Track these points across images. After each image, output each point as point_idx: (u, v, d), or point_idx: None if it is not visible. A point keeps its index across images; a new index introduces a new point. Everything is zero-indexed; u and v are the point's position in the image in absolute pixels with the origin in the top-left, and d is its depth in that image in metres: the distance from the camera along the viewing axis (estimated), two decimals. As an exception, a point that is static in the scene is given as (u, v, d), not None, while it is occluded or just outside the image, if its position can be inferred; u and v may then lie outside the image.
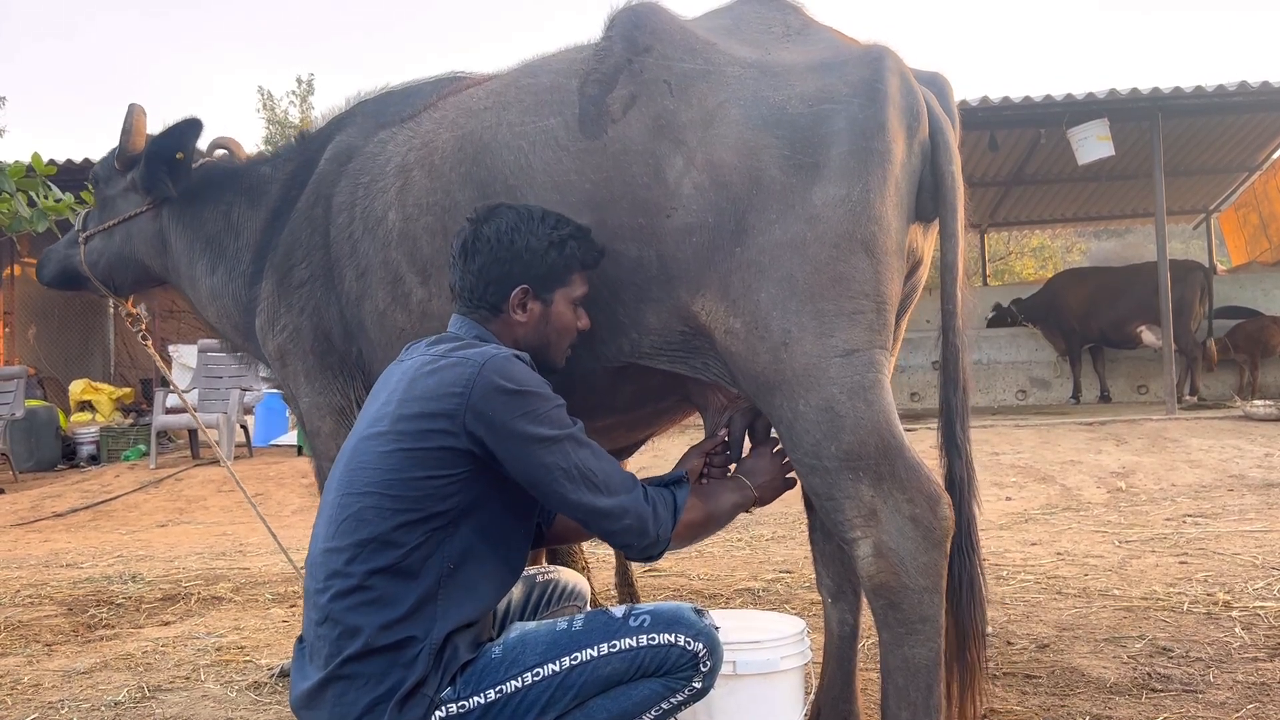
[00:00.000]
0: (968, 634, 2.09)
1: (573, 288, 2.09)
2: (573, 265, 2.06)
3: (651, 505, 1.95)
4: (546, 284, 2.06)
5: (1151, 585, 4.13)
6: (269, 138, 24.13)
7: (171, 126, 3.11)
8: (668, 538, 1.97)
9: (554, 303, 2.08)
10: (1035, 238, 24.92)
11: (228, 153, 3.41)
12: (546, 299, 2.07)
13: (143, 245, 3.29)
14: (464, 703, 1.80)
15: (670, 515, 1.98)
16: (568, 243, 2.05)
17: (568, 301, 2.09)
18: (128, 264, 3.34)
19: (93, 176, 3.41)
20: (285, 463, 9.54)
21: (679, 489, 2.06)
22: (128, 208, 3.28)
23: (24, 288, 13.52)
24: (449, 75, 2.81)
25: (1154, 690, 2.86)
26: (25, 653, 3.84)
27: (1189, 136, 12.50)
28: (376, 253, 2.54)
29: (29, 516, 8.19)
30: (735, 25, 2.23)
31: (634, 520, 1.92)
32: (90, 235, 3.34)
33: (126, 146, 3.22)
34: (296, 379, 2.81)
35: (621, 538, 1.94)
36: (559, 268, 2.05)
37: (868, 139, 1.98)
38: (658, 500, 1.98)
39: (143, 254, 3.30)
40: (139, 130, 3.22)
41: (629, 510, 1.91)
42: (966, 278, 2.14)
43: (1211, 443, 8.13)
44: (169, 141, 3.10)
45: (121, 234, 3.30)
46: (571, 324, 2.11)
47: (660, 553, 1.99)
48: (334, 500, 1.90)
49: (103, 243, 3.33)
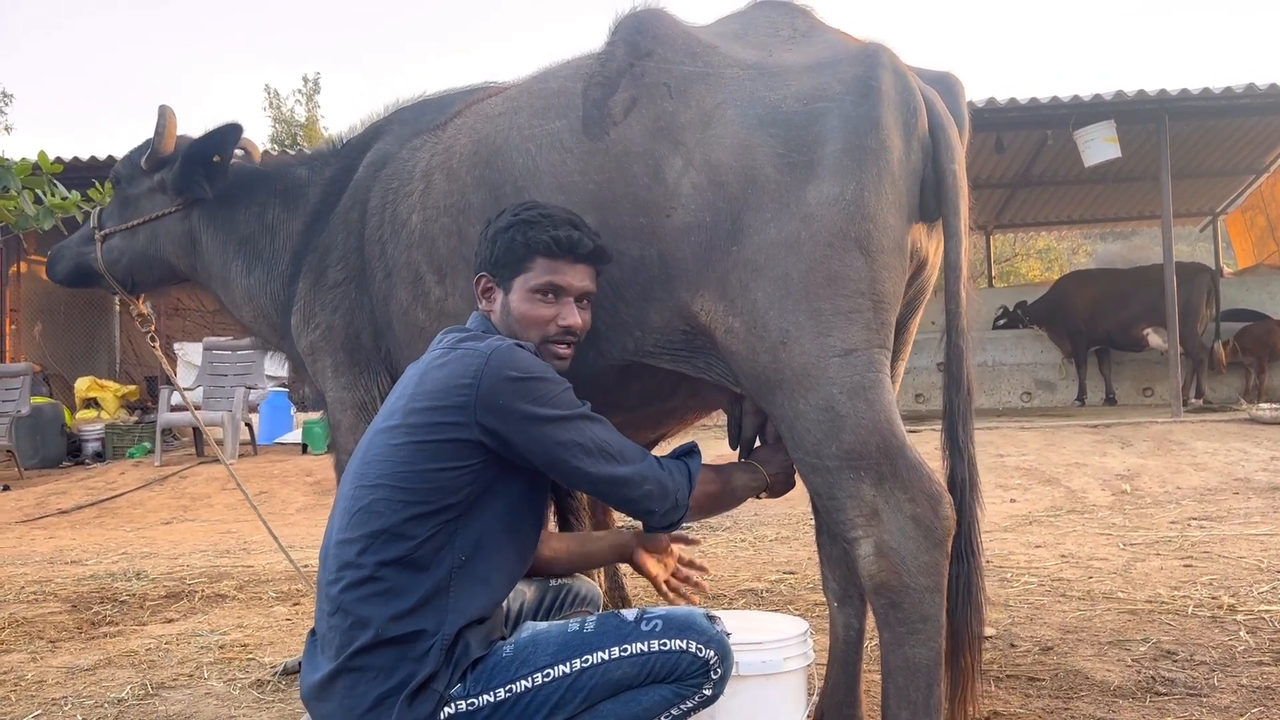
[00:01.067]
0: (962, 638, 2.08)
1: (531, 275, 2.04)
2: (519, 250, 2.03)
3: (668, 472, 1.99)
4: (502, 269, 2.06)
5: (1156, 588, 4.12)
6: (275, 136, 24.21)
7: (212, 130, 3.15)
8: (686, 503, 2.00)
9: (512, 290, 2.06)
10: (1041, 239, 24.90)
11: (245, 154, 3.44)
12: (506, 286, 2.07)
13: (170, 245, 3.31)
14: (473, 700, 1.81)
15: (686, 481, 2.01)
16: (514, 227, 2.03)
17: (526, 290, 2.04)
18: (152, 263, 3.36)
19: (114, 175, 3.42)
20: (290, 461, 9.55)
21: (691, 459, 2.08)
22: (154, 208, 3.29)
23: (30, 285, 13.56)
24: (480, 85, 2.86)
25: (1158, 694, 2.85)
26: (29, 649, 3.85)
27: (1196, 138, 12.47)
28: (401, 254, 2.60)
29: (34, 513, 8.22)
30: (743, 30, 2.24)
31: (654, 485, 1.94)
32: (110, 234, 3.36)
33: (157, 147, 3.23)
34: (325, 374, 2.88)
35: (643, 504, 1.95)
36: (508, 252, 2.04)
37: (861, 136, 1.97)
38: (673, 468, 2.01)
39: (169, 254, 3.32)
40: (170, 132, 3.24)
41: (648, 476, 1.94)
42: (971, 278, 2.13)
43: (1217, 446, 8.10)
44: (209, 144, 3.13)
45: (146, 233, 3.32)
46: (535, 316, 2.04)
47: (680, 519, 2.01)
48: (348, 492, 1.92)
49: (124, 242, 3.35)
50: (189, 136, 3.24)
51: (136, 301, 3.53)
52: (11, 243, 12.33)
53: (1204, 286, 11.21)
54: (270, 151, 12.96)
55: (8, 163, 4.23)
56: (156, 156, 3.25)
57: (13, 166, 4.21)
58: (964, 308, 2.10)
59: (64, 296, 14.02)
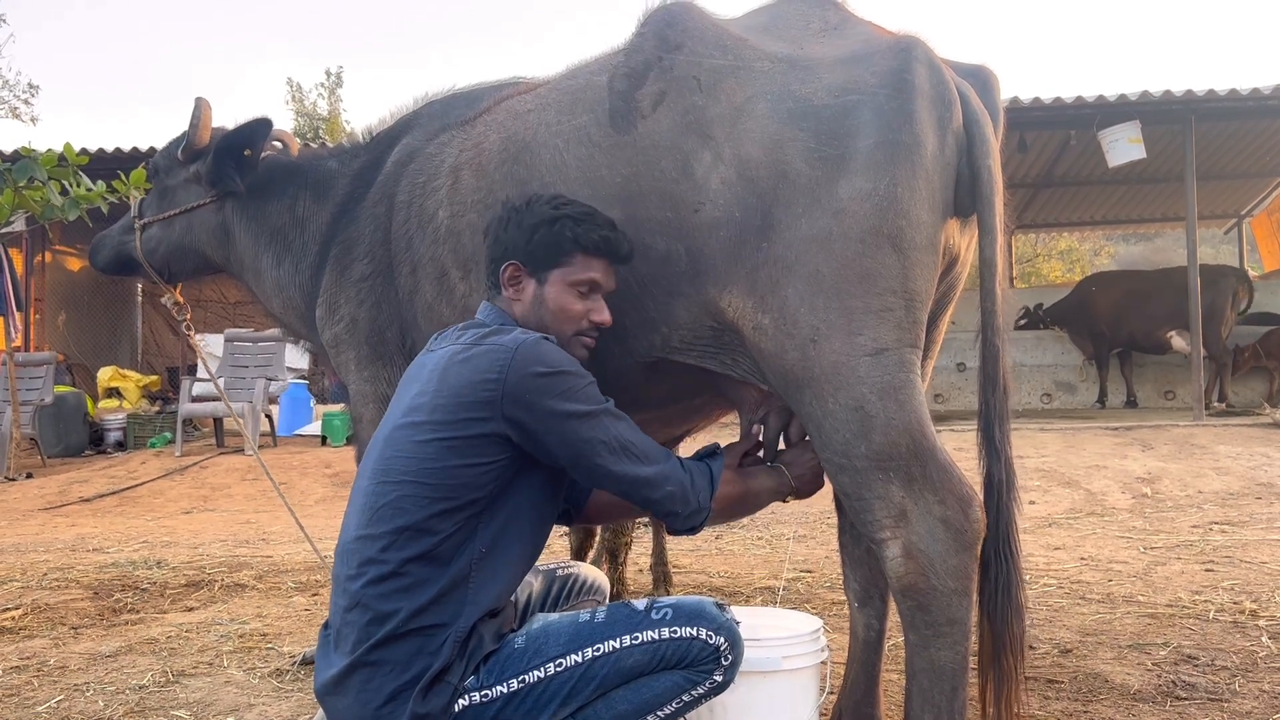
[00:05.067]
0: (1003, 640, 2.06)
1: (572, 270, 2.04)
2: (565, 244, 2.03)
3: (690, 474, 1.97)
4: (538, 261, 2.05)
5: (1177, 592, 4.08)
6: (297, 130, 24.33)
7: (243, 124, 3.17)
8: (708, 506, 1.99)
9: (547, 283, 2.06)
10: (1063, 240, 24.72)
11: (282, 146, 3.46)
12: (540, 277, 2.06)
13: (205, 236, 3.34)
14: (487, 691, 1.82)
15: (708, 484, 2.00)
16: (561, 220, 2.03)
17: (565, 284, 2.05)
18: (187, 254, 3.40)
19: (152, 166, 3.46)
20: (309, 452, 9.60)
21: (714, 461, 2.07)
22: (189, 199, 3.33)
23: (55, 275, 13.68)
24: (510, 80, 2.86)
25: (1178, 698, 2.83)
26: (51, 635, 3.89)
27: (1222, 140, 12.34)
28: (427, 249, 2.59)
29: (56, 501, 8.29)
30: (772, 23, 2.22)
31: (675, 487, 1.94)
32: (148, 224, 3.40)
33: (193, 139, 3.26)
34: (348, 367, 2.89)
35: (665, 505, 1.95)
36: (550, 245, 2.03)
37: (894, 131, 1.95)
38: (694, 470, 2.00)
39: (204, 245, 3.35)
40: (205, 124, 3.26)
41: (670, 477, 1.93)
42: (1005, 276, 2.10)
43: (1240, 450, 8.03)
44: (239, 138, 3.15)
45: (182, 224, 3.35)
46: (571, 310, 2.06)
47: (703, 522, 2.00)
48: (368, 488, 1.92)
49: (161, 231, 3.39)
50: (224, 129, 3.26)
51: (173, 291, 3.56)
52: (37, 233, 12.44)
53: (1229, 289, 11.10)
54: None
55: (34, 154, 4.27)
56: (192, 148, 3.27)
57: (39, 158, 4.25)
58: (999, 305, 2.07)
59: (88, 287, 14.14)
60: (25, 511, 7.92)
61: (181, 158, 3.32)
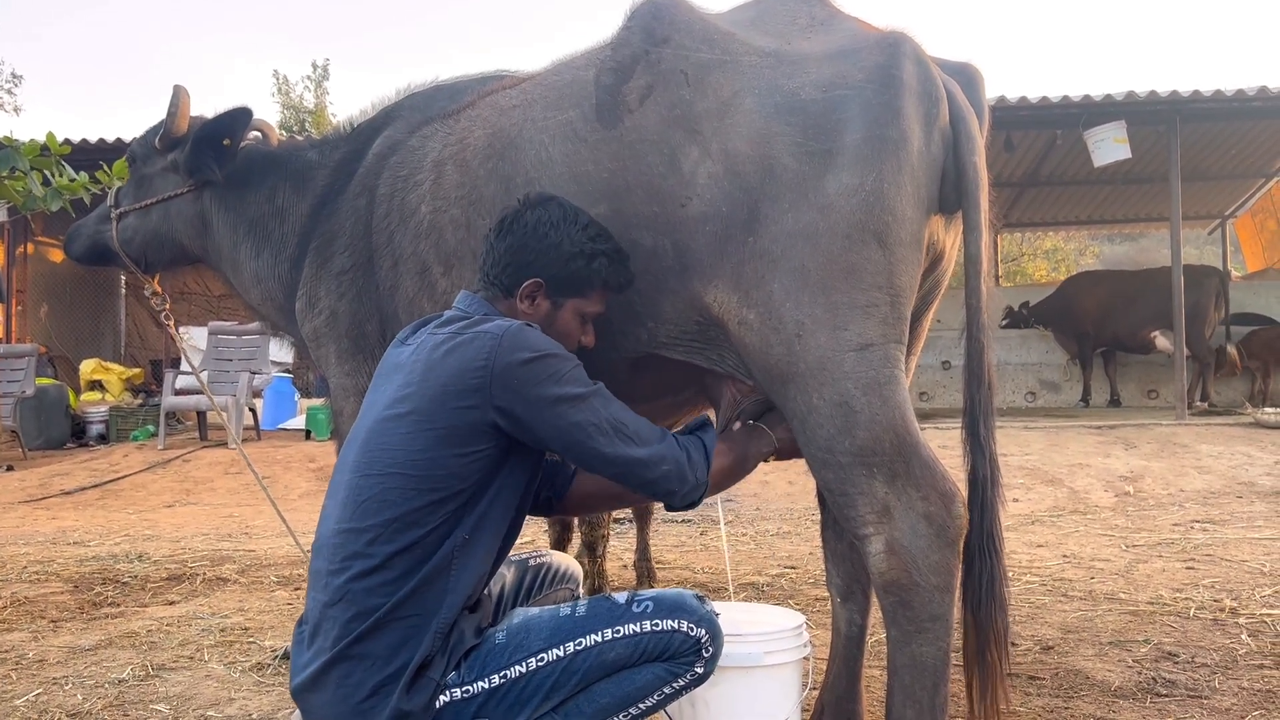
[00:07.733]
0: (987, 634, 2.06)
1: (588, 302, 2.08)
2: (594, 280, 2.05)
3: (685, 451, 1.97)
4: (562, 287, 2.06)
5: (1158, 590, 4.11)
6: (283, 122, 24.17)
7: (223, 113, 3.14)
8: (705, 481, 1.99)
9: (563, 308, 2.08)
10: (1048, 240, 24.81)
11: (261, 135, 3.42)
12: (557, 301, 2.07)
13: (182, 225, 3.30)
14: (469, 687, 1.81)
15: (704, 459, 1.99)
16: (598, 258, 2.04)
17: (577, 313, 2.09)
18: (164, 243, 3.35)
19: (129, 154, 3.41)
20: (293, 446, 9.56)
21: (705, 433, 2.07)
22: (167, 188, 3.28)
23: (37, 266, 13.56)
24: (494, 73, 2.84)
25: (1158, 695, 2.84)
26: (31, 628, 3.86)
27: (1207, 141, 12.41)
28: (409, 244, 2.58)
29: (37, 494, 8.23)
30: (760, 17, 2.21)
31: (672, 466, 1.93)
32: (125, 213, 3.34)
33: (171, 128, 3.22)
34: (328, 360, 2.86)
35: (662, 485, 1.94)
36: (580, 277, 2.04)
37: (881, 126, 1.94)
38: (690, 446, 1.99)
39: (181, 234, 3.31)
40: (184, 113, 3.23)
41: (665, 457, 1.92)
42: (990, 272, 2.10)
43: (1221, 449, 8.09)
44: (218, 127, 3.12)
45: (159, 213, 3.31)
46: (574, 334, 2.10)
47: (701, 498, 1.99)
48: (350, 481, 1.90)
49: (138, 220, 3.34)
50: (203, 118, 3.23)
51: (151, 281, 3.52)
52: (19, 224, 12.33)
53: (1213, 289, 11.17)
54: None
55: (16, 144, 4.22)
56: (170, 136, 3.24)
57: (21, 147, 4.20)
58: (984, 302, 2.07)
59: (70, 279, 14.03)
60: (5, 504, 7.86)
61: (159, 146, 3.27)
